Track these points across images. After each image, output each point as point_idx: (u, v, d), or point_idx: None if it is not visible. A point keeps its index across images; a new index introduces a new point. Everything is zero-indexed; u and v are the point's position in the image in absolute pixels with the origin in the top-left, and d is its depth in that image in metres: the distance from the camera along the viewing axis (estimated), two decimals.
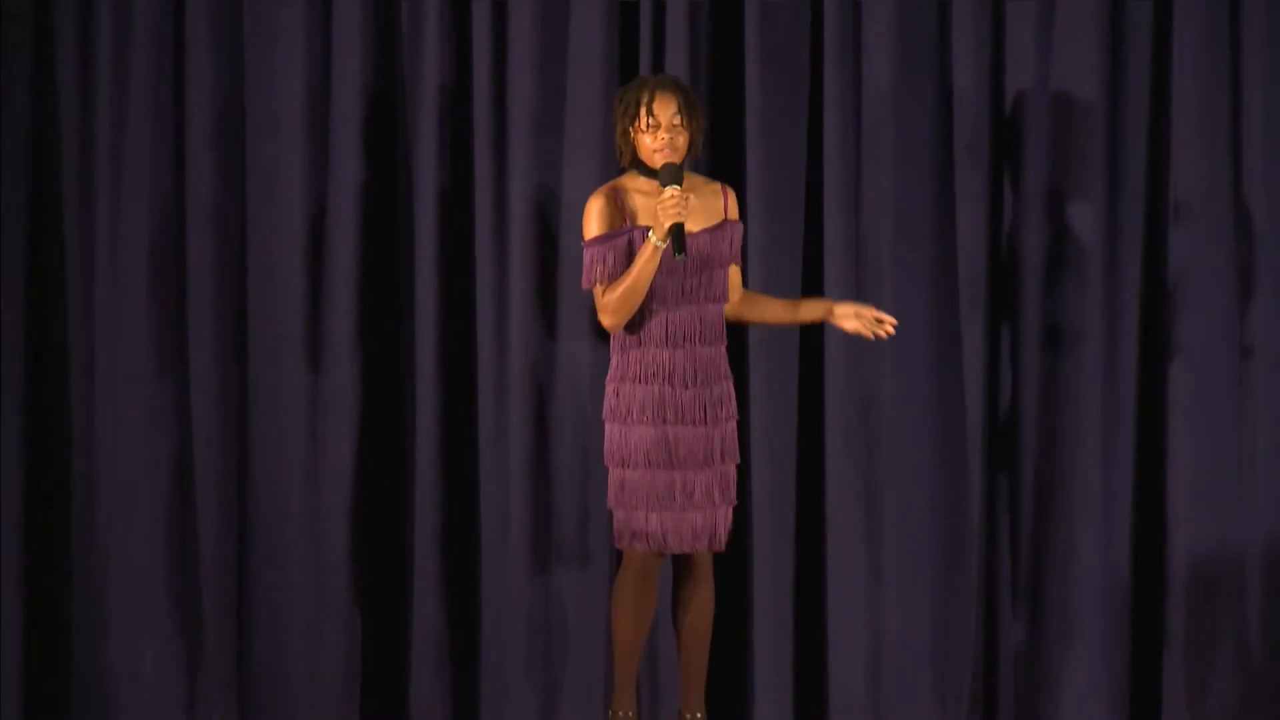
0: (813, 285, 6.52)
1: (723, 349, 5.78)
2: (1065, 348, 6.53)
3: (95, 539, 6.56)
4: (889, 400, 6.53)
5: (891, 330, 5.85)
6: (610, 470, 5.77)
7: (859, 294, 6.49)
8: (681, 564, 5.78)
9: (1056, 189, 6.53)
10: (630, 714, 5.84)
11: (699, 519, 5.73)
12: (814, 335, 6.49)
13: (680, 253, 5.53)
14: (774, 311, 5.95)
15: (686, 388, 5.70)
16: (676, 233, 5.54)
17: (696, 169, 6.24)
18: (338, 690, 6.53)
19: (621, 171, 5.79)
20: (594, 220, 5.70)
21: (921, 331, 6.54)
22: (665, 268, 5.66)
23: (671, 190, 5.53)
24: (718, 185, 5.82)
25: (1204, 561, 6.50)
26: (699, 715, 5.84)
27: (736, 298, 5.89)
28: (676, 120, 5.66)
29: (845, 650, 6.52)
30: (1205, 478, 6.50)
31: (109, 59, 6.53)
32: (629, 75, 6.39)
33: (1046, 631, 6.52)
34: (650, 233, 5.57)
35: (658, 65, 6.46)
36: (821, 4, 6.51)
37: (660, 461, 5.71)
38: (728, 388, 5.76)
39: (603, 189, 5.75)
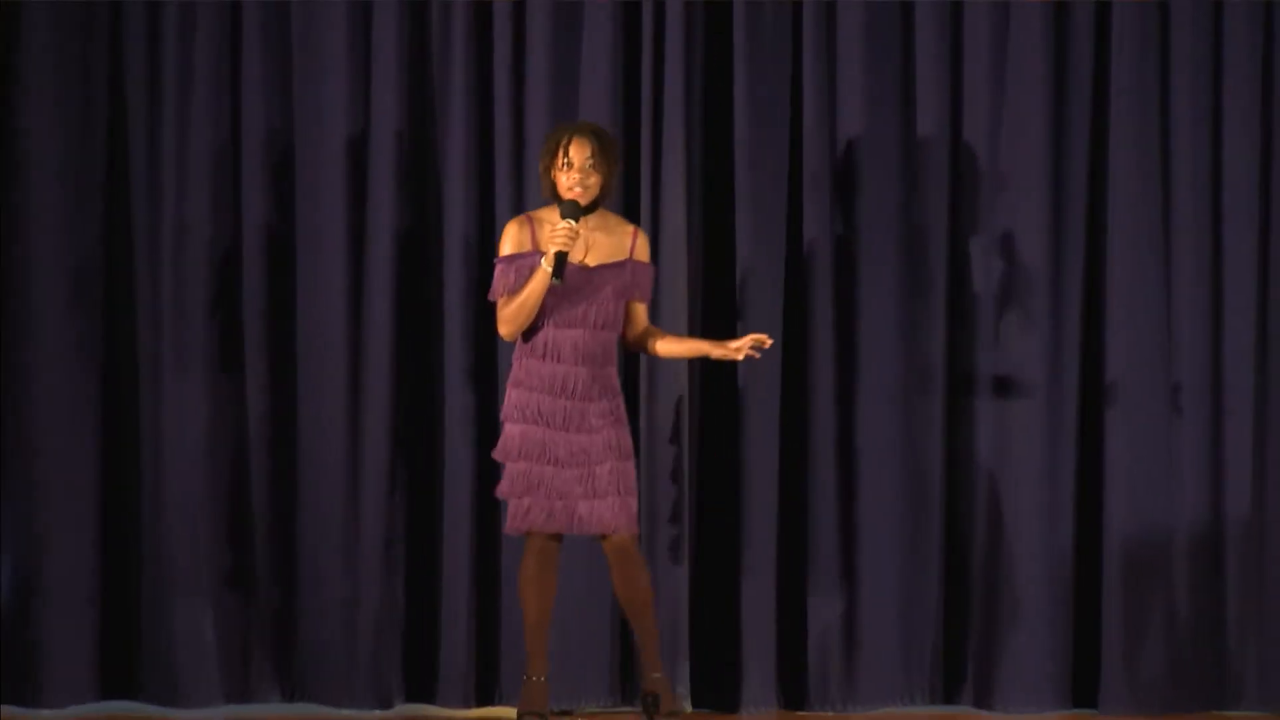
0: (796, 299, 6.67)
1: (610, 370, 5.97)
2: (1015, 372, 6.67)
3: (163, 523, 6.58)
4: (864, 421, 6.68)
5: (767, 344, 5.95)
6: (503, 464, 6.00)
7: (836, 307, 6.65)
8: (607, 553, 6.00)
9: (1007, 227, 6.68)
10: (541, 679, 6.01)
11: (577, 509, 5.92)
12: (798, 362, 6.66)
13: (558, 278, 5.79)
14: (664, 346, 6.06)
15: (568, 398, 5.92)
16: (559, 260, 5.77)
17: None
18: (376, 656, 6.58)
19: (546, 203, 6.00)
20: (506, 242, 5.97)
21: (891, 346, 6.68)
22: (562, 292, 5.87)
23: (566, 224, 5.78)
24: (631, 228, 6.05)
25: (1136, 550, 6.63)
26: (657, 675, 6.04)
27: (638, 331, 6.06)
28: (590, 163, 5.87)
29: (823, 633, 6.65)
30: (1139, 477, 6.64)
31: (174, 98, 6.60)
32: (633, 127, 6.64)
33: (1000, 612, 6.65)
34: (543, 260, 5.83)
35: (657, 120, 6.62)
36: (801, 76, 6.66)
37: (537, 458, 5.93)
38: (610, 404, 5.95)
39: (520, 216, 6.04)
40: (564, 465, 5.93)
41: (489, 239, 6.55)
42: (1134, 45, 6.64)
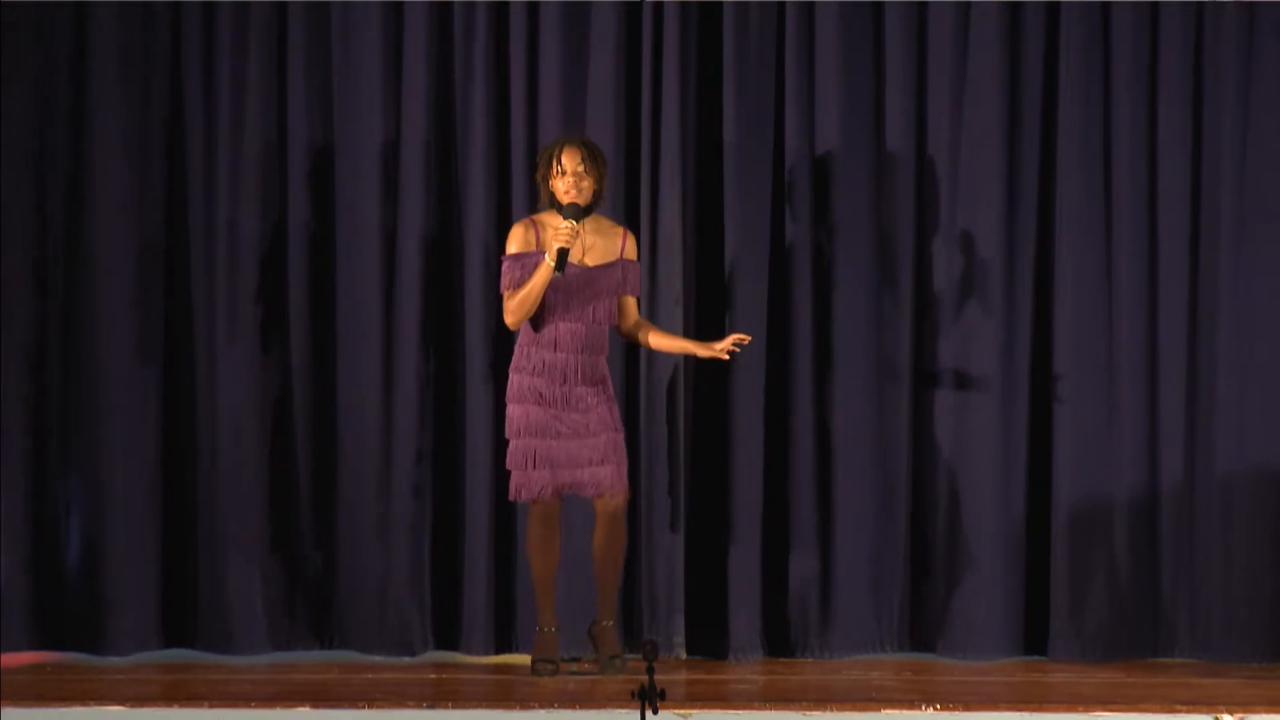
0: (779, 292, 6.83)
1: (602, 358, 6.24)
2: (974, 360, 6.80)
3: (217, 490, 6.76)
4: (839, 405, 6.83)
5: (746, 341, 6.25)
6: (508, 440, 6.28)
7: (814, 300, 6.77)
8: (598, 513, 6.27)
9: (967, 229, 6.83)
10: (551, 629, 6.31)
11: (578, 476, 6.18)
12: (780, 352, 6.83)
13: (560, 271, 6.08)
14: (656, 340, 6.35)
15: (564, 383, 6.20)
16: (561, 255, 6.05)
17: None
18: (406, 609, 6.76)
19: (544, 209, 6.29)
20: (513, 241, 6.26)
21: (863, 336, 6.85)
22: (563, 289, 6.11)
23: (568, 224, 6.10)
24: (621, 230, 6.35)
25: (1081, 515, 6.79)
26: (608, 622, 6.35)
27: (630, 323, 6.34)
28: (581, 169, 6.17)
29: (803, 590, 6.86)
30: (1083, 451, 6.80)
31: (227, 113, 6.81)
32: (634, 134, 6.84)
33: (960, 573, 6.84)
34: (546, 255, 6.09)
35: (655, 130, 6.80)
36: (784, 88, 6.83)
37: (540, 433, 6.21)
38: (601, 386, 6.21)
39: (524, 219, 6.29)
40: (565, 438, 6.23)
41: (505, 237, 6.55)
42: (1078, 52, 6.78)
